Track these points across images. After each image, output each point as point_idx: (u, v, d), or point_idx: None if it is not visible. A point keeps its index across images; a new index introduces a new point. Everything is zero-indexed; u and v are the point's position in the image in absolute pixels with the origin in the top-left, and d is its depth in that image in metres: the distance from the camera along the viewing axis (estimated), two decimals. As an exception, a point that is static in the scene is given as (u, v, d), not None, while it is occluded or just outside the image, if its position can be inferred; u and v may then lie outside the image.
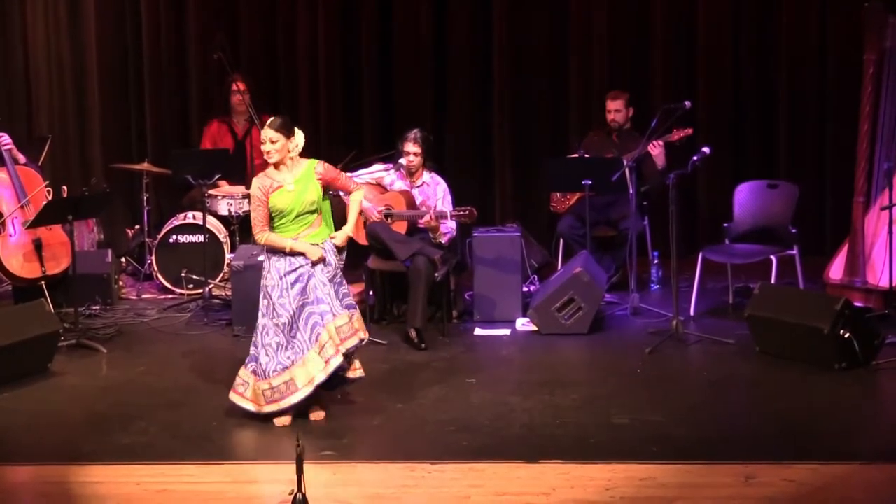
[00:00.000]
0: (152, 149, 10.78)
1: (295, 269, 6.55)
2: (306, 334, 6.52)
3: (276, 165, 6.59)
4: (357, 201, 6.89)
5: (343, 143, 10.58)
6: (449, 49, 10.79)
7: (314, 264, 6.55)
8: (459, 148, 10.80)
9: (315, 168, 6.67)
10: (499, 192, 10.82)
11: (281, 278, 6.55)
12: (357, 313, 6.70)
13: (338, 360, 6.50)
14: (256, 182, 6.63)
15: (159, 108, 11.02)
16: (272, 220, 6.61)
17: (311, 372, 6.50)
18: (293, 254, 6.55)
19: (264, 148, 6.56)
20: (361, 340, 6.67)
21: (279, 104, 10.78)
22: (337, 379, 6.70)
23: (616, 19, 10.58)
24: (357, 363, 6.77)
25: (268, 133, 6.54)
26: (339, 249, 6.70)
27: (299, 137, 6.64)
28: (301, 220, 6.59)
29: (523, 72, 10.72)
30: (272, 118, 6.65)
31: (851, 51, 9.44)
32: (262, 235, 6.61)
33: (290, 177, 6.59)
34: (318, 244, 6.61)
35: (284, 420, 6.58)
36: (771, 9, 10.40)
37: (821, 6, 10.31)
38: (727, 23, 10.47)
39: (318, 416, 6.66)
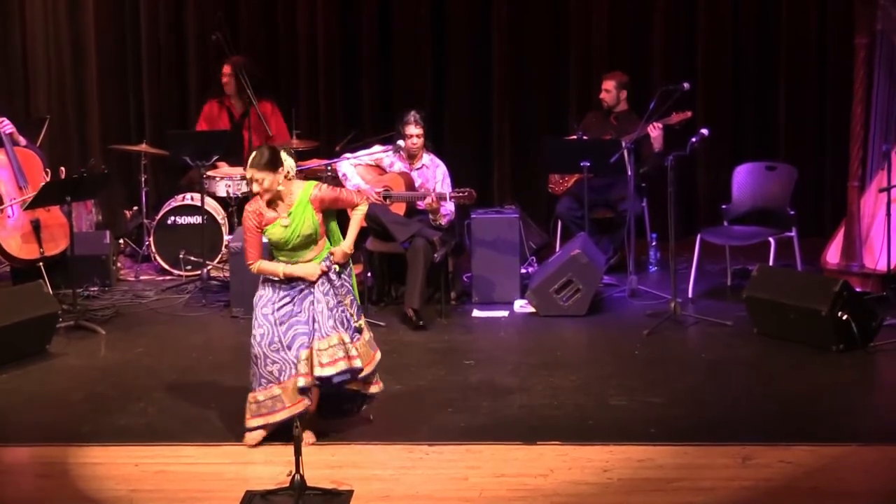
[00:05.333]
0: (150, 130, 10.75)
1: (289, 295, 6.06)
2: (292, 353, 5.99)
3: (271, 203, 6.05)
4: (360, 215, 6.23)
5: (342, 124, 10.59)
6: (448, 30, 10.76)
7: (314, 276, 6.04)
8: (458, 128, 10.77)
9: (311, 193, 6.04)
10: (497, 174, 10.80)
11: (271, 303, 6.07)
12: (361, 339, 6.14)
13: (305, 382, 5.97)
14: (250, 209, 6.08)
15: (157, 88, 10.97)
16: (273, 249, 6.11)
17: (296, 394, 6.01)
18: (289, 280, 6.07)
19: (254, 189, 5.99)
20: (349, 372, 6.05)
21: (279, 84, 10.76)
22: (349, 398, 6.25)
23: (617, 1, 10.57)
24: (377, 377, 6.29)
25: (251, 174, 5.96)
26: (340, 266, 6.12)
27: (289, 163, 6.04)
28: (299, 252, 6.06)
29: (523, 52, 10.70)
30: (253, 154, 6.02)
31: (850, 33, 9.41)
32: (255, 265, 6.10)
33: (284, 208, 6.03)
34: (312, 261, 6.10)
35: (254, 438, 6.10)
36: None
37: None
38: (727, 4, 10.44)
39: (308, 439, 6.00)
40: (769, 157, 9.73)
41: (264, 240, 6.14)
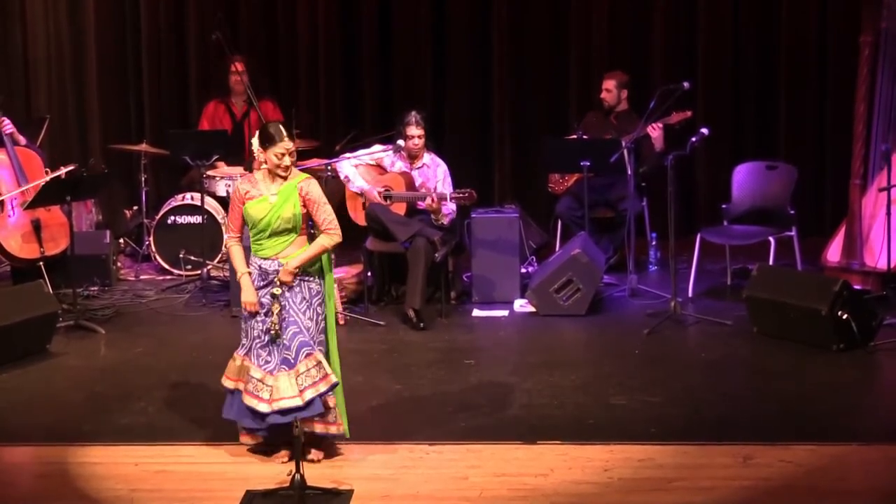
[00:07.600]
0: (150, 129, 10.76)
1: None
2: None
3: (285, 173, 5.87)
4: (319, 245, 5.87)
5: (342, 124, 10.59)
6: (448, 30, 10.76)
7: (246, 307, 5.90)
8: (458, 128, 10.78)
9: (299, 184, 5.88)
10: (497, 174, 10.80)
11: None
12: (287, 372, 5.80)
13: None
14: (238, 183, 6.00)
15: (158, 88, 10.99)
16: (251, 232, 5.97)
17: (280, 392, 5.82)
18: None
19: (284, 162, 5.81)
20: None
21: (279, 84, 10.77)
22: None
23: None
24: (334, 418, 5.93)
25: (289, 145, 5.83)
26: (280, 287, 5.83)
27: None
28: (279, 237, 5.87)
29: (523, 52, 10.70)
30: (282, 128, 5.88)
31: (851, 31, 9.42)
32: (230, 244, 6.04)
33: (275, 187, 5.87)
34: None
35: (283, 456, 5.89)
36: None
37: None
38: (727, 4, 10.44)
39: (315, 455, 5.90)
40: (769, 156, 9.73)
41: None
